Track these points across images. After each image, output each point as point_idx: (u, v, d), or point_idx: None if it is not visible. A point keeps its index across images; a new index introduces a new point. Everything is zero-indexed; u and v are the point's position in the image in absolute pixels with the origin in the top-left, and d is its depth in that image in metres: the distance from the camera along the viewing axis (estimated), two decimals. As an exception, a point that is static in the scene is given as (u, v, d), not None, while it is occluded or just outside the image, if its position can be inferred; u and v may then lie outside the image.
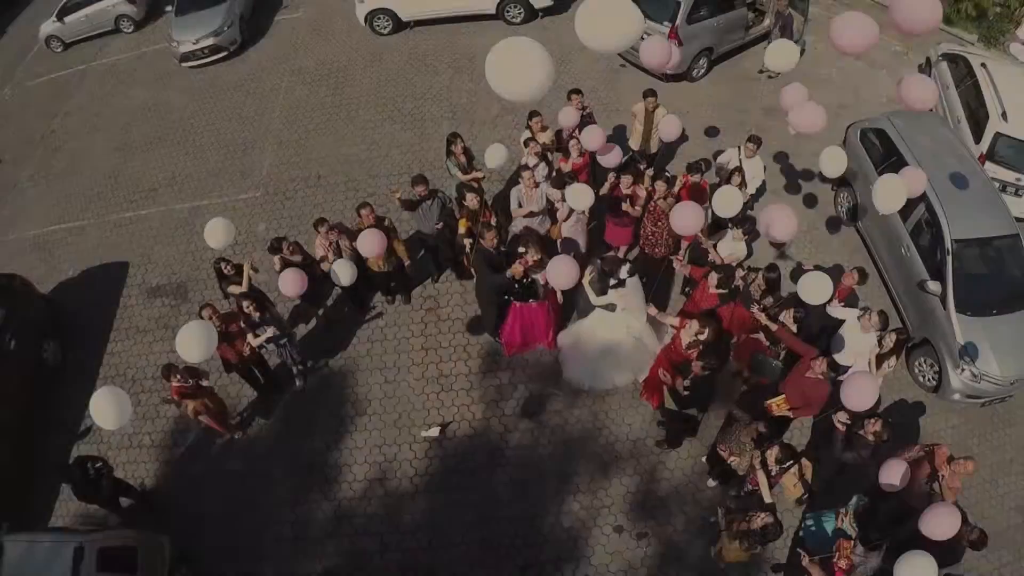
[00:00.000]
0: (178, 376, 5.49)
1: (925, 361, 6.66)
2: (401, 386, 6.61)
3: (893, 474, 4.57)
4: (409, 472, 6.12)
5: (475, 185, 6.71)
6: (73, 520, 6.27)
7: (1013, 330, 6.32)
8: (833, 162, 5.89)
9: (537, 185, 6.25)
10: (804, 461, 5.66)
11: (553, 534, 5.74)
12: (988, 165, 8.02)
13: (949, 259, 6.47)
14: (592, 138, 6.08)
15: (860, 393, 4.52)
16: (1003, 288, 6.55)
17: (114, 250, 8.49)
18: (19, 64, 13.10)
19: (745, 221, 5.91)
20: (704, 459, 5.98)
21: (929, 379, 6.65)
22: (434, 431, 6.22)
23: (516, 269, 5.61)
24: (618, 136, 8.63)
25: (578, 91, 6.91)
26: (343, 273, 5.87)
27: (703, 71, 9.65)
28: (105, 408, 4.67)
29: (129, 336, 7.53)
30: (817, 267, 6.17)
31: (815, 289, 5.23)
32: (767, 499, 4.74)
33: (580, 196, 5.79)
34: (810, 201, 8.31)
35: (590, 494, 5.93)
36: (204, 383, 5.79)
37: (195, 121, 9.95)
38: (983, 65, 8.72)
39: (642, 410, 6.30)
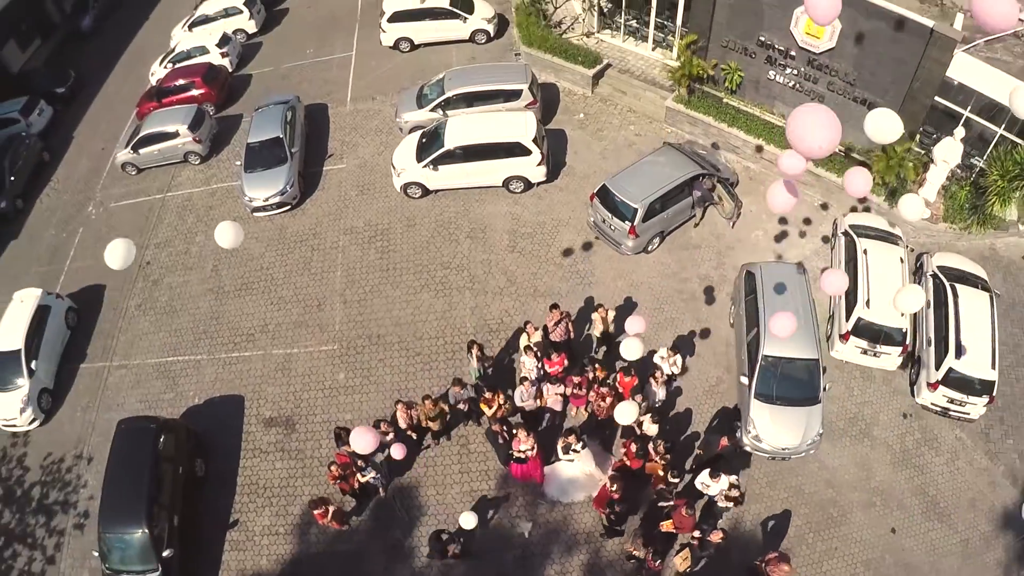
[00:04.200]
0: (321, 508, 10.17)
1: (737, 424, 11.55)
2: (447, 497, 11.45)
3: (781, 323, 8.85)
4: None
5: (495, 404, 11.29)
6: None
7: (788, 418, 10.93)
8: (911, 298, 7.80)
9: (533, 384, 10.93)
10: (685, 551, 10.77)
11: (539, 591, 10.79)
12: (852, 339, 12.13)
13: (758, 366, 11.22)
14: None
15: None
16: (790, 390, 11.04)
17: (229, 384, 12.93)
18: (97, 183, 16.87)
19: (654, 411, 10.75)
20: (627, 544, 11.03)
21: (739, 436, 11.49)
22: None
23: (514, 447, 10.37)
24: (588, 306, 13.22)
25: (556, 306, 11.54)
26: (397, 453, 10.45)
27: (656, 246, 14.14)
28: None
29: (255, 455, 12.14)
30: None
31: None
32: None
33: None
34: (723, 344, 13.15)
35: (560, 564, 10.97)
36: (332, 507, 10.48)
37: (273, 272, 14.20)
38: (864, 252, 12.25)
39: (593, 515, 11.29)
